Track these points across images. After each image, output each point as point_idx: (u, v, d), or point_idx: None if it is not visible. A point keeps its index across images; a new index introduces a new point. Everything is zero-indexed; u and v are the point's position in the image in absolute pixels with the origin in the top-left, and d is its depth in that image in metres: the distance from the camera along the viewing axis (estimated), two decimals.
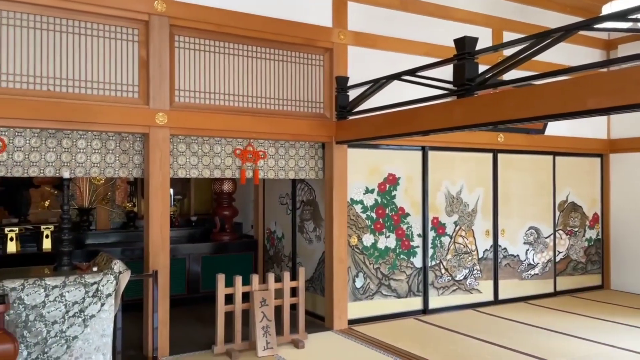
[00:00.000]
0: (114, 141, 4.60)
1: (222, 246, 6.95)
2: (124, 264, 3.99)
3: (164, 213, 4.67)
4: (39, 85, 4.23)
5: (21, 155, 4.23)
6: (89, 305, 3.72)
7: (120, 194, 7.19)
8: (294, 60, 5.42)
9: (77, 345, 3.66)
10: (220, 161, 5.09)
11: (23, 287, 3.55)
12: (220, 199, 7.12)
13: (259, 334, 4.70)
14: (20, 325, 3.52)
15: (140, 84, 4.61)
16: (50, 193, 6.80)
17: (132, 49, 4.59)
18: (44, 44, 4.25)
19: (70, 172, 4.34)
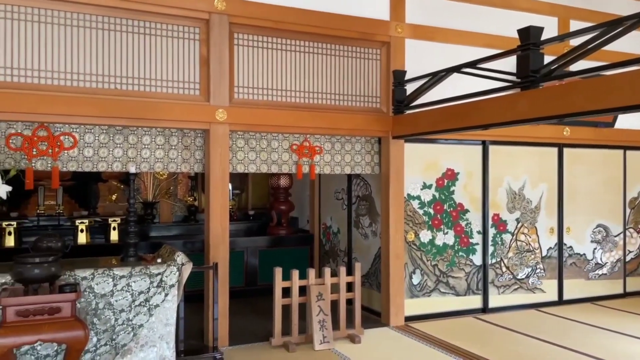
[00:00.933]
0: (177, 137, 4.75)
1: (279, 240, 7.04)
2: (185, 256, 4.12)
3: (223, 207, 4.79)
4: (107, 84, 4.42)
5: (91, 151, 4.45)
6: (153, 295, 3.87)
7: (182, 189, 7.43)
8: (350, 54, 5.40)
9: (143, 333, 3.82)
10: (277, 156, 5.15)
11: (93, 277, 3.73)
12: (277, 193, 7.21)
13: (316, 327, 4.73)
14: (91, 312, 3.71)
15: (201, 81, 4.74)
16: (117, 187, 7.12)
17: (194, 47, 4.72)
18: (112, 44, 4.43)
19: (136, 167, 4.51)
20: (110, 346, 3.72)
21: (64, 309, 3.26)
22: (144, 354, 3.80)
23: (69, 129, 4.36)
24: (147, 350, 3.81)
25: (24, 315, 3.17)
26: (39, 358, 3.56)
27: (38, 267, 3.23)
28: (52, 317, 3.22)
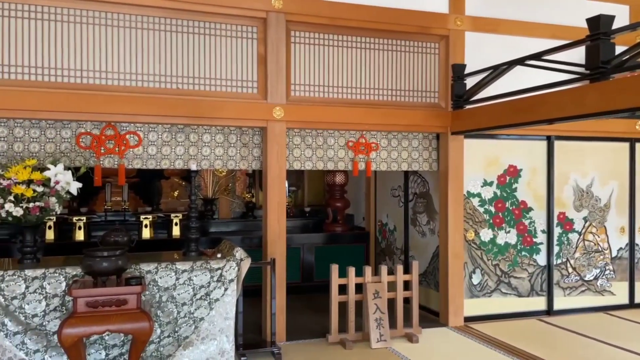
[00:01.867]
0: (235, 135, 4.84)
1: (334, 237, 7.05)
2: (244, 251, 4.19)
3: (280, 203, 4.84)
4: (169, 84, 4.56)
5: (154, 149, 4.60)
6: (214, 289, 3.96)
7: (240, 185, 7.58)
8: (407, 49, 5.31)
9: (204, 327, 3.92)
10: (333, 153, 5.15)
11: (157, 270, 3.86)
12: (333, 190, 7.21)
13: (372, 325, 4.70)
14: (155, 305, 3.84)
15: (259, 79, 4.80)
16: (178, 184, 7.35)
17: (251, 46, 4.78)
18: (173, 45, 4.57)
19: (197, 165, 4.63)
20: (173, 338, 3.85)
21: (130, 301, 3.39)
22: (204, 347, 3.90)
23: (134, 127, 4.53)
24: (208, 343, 3.91)
25: (94, 306, 3.32)
26: (107, 347, 3.73)
27: (106, 261, 3.37)
28: (119, 308, 3.36)
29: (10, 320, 3.49)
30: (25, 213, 3.64)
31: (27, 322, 3.54)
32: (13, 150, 4.21)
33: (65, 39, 4.26)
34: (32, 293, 3.56)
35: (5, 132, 4.21)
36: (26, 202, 3.63)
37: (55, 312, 3.61)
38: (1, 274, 3.52)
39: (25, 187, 3.63)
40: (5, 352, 3.47)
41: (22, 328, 3.51)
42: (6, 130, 4.21)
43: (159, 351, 3.81)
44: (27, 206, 3.63)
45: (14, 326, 3.49)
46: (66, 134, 4.36)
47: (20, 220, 3.68)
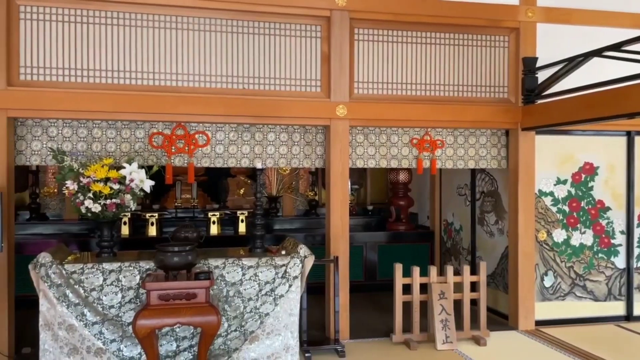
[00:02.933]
0: (299, 134, 4.89)
1: (398, 236, 6.96)
2: (308, 248, 4.22)
3: (343, 201, 4.83)
4: (236, 84, 4.66)
5: (221, 148, 4.73)
6: (278, 286, 4.02)
7: (303, 183, 7.64)
8: (475, 43, 5.15)
9: (269, 322, 3.98)
10: (397, 151, 5.08)
11: (224, 266, 3.97)
12: (396, 188, 7.13)
13: (438, 327, 4.60)
14: (222, 299, 3.95)
15: (322, 78, 4.81)
16: (244, 182, 7.52)
17: (315, 45, 4.81)
18: (239, 46, 4.67)
19: (262, 163, 4.72)
20: (239, 332, 3.94)
21: (199, 295, 3.50)
22: (270, 342, 3.96)
23: (203, 127, 4.67)
24: (273, 338, 3.97)
25: (165, 299, 3.46)
26: (178, 339, 3.87)
27: (177, 256, 3.50)
28: (189, 302, 3.48)
29: (89, 311, 3.70)
30: (102, 209, 3.84)
31: (104, 313, 3.74)
32: (92, 150, 4.46)
33: (139, 44, 4.46)
34: (109, 285, 3.76)
35: (84, 132, 4.46)
36: (104, 199, 3.84)
37: (130, 304, 3.79)
38: (81, 267, 3.73)
39: (102, 185, 3.84)
40: (84, 340, 3.68)
41: (100, 318, 3.71)
42: (85, 131, 4.47)
43: (226, 344, 3.91)
44: (105, 203, 3.84)
45: (93, 316, 3.70)
46: (140, 134, 4.56)
47: (98, 216, 3.89)
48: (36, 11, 4.26)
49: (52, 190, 6.79)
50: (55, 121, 4.39)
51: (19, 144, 4.34)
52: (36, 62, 4.27)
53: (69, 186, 3.87)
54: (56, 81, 4.31)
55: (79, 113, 4.31)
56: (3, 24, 4.13)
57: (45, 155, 4.38)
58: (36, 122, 4.37)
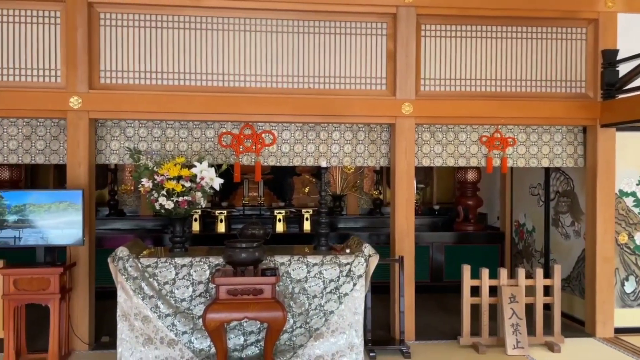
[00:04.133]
0: (364, 132, 4.87)
1: (466, 236, 6.78)
2: (372, 247, 4.20)
3: (409, 201, 4.77)
4: (302, 84, 4.71)
5: (287, 147, 4.80)
6: (343, 284, 4.03)
7: (368, 182, 7.62)
8: (549, 36, 4.92)
9: (333, 320, 4.00)
10: (465, 149, 4.95)
11: (290, 263, 4.03)
12: (464, 188, 6.94)
13: (508, 331, 4.44)
14: (288, 296, 4.00)
15: (388, 76, 4.77)
16: (309, 181, 7.60)
17: (380, 42, 4.77)
18: (305, 46, 4.71)
19: (327, 162, 4.74)
20: (304, 329, 3.98)
21: (265, 290, 3.57)
22: (334, 339, 3.98)
23: (269, 127, 4.76)
24: (338, 336, 3.98)
25: (233, 294, 3.55)
26: (245, 333, 3.97)
27: (245, 252, 3.59)
28: (255, 297, 3.56)
29: (163, 303, 3.87)
30: (175, 206, 4.01)
31: (176, 306, 3.90)
32: (165, 149, 4.66)
33: (210, 46, 4.61)
34: (181, 279, 3.91)
35: (159, 132, 4.67)
36: (176, 196, 4.00)
37: (200, 298, 3.93)
38: (155, 261, 3.91)
39: (175, 183, 4.00)
40: (158, 331, 3.85)
41: (172, 311, 3.87)
42: (159, 131, 4.67)
43: (291, 340, 3.96)
44: (177, 200, 4.00)
45: (166, 309, 3.87)
46: (210, 134, 4.71)
47: (171, 212, 4.06)
48: (115, 17, 4.50)
49: (129, 187, 7.17)
50: (132, 122, 4.63)
51: (99, 143, 4.61)
52: (115, 66, 4.51)
53: (144, 184, 4.06)
54: (132, 84, 4.53)
55: (153, 114, 4.52)
56: (85, 31, 4.39)
57: (122, 155, 4.62)
58: (115, 123, 4.62)
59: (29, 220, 3.98)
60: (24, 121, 4.50)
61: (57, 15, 4.42)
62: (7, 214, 3.97)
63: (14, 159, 4.51)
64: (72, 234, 4.04)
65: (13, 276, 3.90)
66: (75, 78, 4.39)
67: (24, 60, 4.42)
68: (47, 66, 4.44)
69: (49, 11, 4.42)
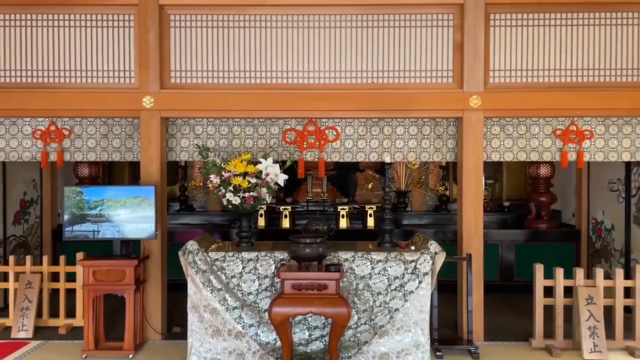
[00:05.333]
0: (429, 127, 4.76)
1: (538, 234, 6.48)
2: (438, 245, 4.10)
3: (477, 197, 4.62)
4: (365, 79, 4.67)
5: (350, 143, 4.78)
6: (408, 281, 3.96)
7: (433, 178, 7.45)
8: (629, 22, 4.60)
9: (399, 317, 3.94)
10: (537, 143, 4.72)
11: (354, 259, 4.01)
12: (536, 183, 6.63)
13: (585, 334, 4.20)
14: (352, 292, 3.99)
15: (454, 68, 4.63)
16: (372, 176, 7.54)
17: (447, 34, 4.64)
18: (368, 40, 4.66)
19: (391, 157, 4.67)
20: (369, 325, 3.95)
21: (329, 286, 3.58)
22: (399, 337, 3.92)
23: (333, 123, 4.76)
24: (403, 334, 3.93)
25: (298, 288, 3.58)
26: (310, 328, 3.99)
27: (309, 247, 3.61)
28: (320, 292, 3.57)
29: (230, 296, 3.96)
30: (242, 201, 4.09)
31: (243, 299, 3.99)
32: (232, 146, 4.77)
33: (274, 44, 4.66)
34: (247, 273, 3.99)
35: (226, 130, 4.78)
36: (243, 192, 4.08)
37: (266, 292, 3.99)
38: (223, 255, 4.01)
39: (241, 179, 4.09)
40: (226, 323, 3.95)
41: (239, 304, 3.96)
42: (226, 129, 4.79)
43: (356, 337, 3.95)
44: (244, 195, 4.08)
45: (233, 301, 3.96)
46: (274, 131, 4.78)
47: (237, 208, 4.15)
48: (184, 19, 4.65)
49: (198, 183, 7.40)
50: (201, 120, 4.77)
51: (170, 141, 4.79)
52: (184, 66, 4.66)
53: (213, 180, 4.18)
54: (201, 83, 4.67)
55: (221, 112, 4.63)
56: (156, 33, 4.57)
57: (192, 152, 4.78)
58: (184, 121, 4.78)
59: (106, 215, 4.20)
60: (101, 121, 4.75)
61: (130, 18, 4.63)
62: (87, 208, 4.21)
63: (92, 157, 4.77)
64: (146, 228, 4.22)
65: (92, 268, 4.13)
66: (148, 79, 4.58)
67: (101, 63, 4.65)
68: (121, 68, 4.66)
69: (123, 15, 4.63)
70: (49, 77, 4.65)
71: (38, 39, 4.64)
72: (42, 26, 4.64)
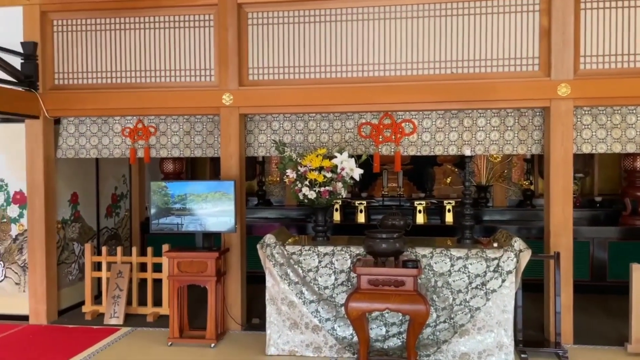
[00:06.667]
0: (513, 117, 4.53)
1: (635, 232, 6.00)
2: (523, 242, 3.90)
3: (566, 191, 4.34)
4: (443, 69, 4.52)
5: (428, 136, 4.65)
6: (490, 280, 3.80)
7: (517, 172, 7.11)
8: None
9: (480, 317, 3.79)
10: (634, 133, 4.37)
11: (432, 255, 3.90)
12: (633, 177, 6.14)
13: None
14: (430, 289, 3.89)
15: (541, 55, 4.37)
16: (451, 170, 7.31)
17: (532, 19, 4.38)
18: (447, 29, 4.49)
19: (471, 150, 4.50)
20: (448, 324, 3.83)
21: (407, 282, 3.50)
22: (481, 337, 3.78)
23: (409, 115, 4.65)
24: (485, 334, 3.78)
25: (374, 284, 3.54)
26: (387, 325, 3.94)
27: (385, 242, 3.55)
28: (397, 289, 3.51)
29: (307, 290, 3.99)
30: (317, 196, 4.11)
31: (319, 293, 4.00)
32: (308, 141, 4.79)
33: (348, 37, 4.61)
34: (323, 267, 4.00)
35: (301, 125, 4.82)
36: (318, 186, 4.10)
37: (342, 287, 3.98)
38: (299, 249, 4.05)
39: (317, 173, 4.10)
40: (303, 317, 3.99)
41: (316, 297, 3.98)
42: (302, 124, 4.82)
43: (435, 335, 3.85)
44: (319, 190, 4.09)
45: (310, 295, 3.99)
46: (349, 125, 4.74)
47: (313, 202, 4.17)
48: (261, 16, 4.72)
49: (275, 178, 7.54)
50: (277, 116, 4.83)
51: (248, 137, 4.89)
52: (261, 63, 4.74)
53: (289, 175, 4.22)
54: (278, 79, 4.72)
55: (297, 107, 4.67)
56: (235, 31, 4.67)
57: (269, 147, 4.86)
58: (262, 118, 4.87)
59: (189, 209, 4.37)
60: (184, 118, 4.95)
61: (210, 18, 4.77)
62: (171, 202, 4.40)
63: (176, 153, 4.98)
64: (226, 222, 4.35)
65: (177, 259, 4.32)
66: (227, 76, 4.70)
67: (183, 62, 4.83)
68: (202, 67, 4.81)
69: (204, 15, 4.78)
70: (137, 78, 4.90)
71: (126, 41, 4.90)
72: (129, 29, 4.89)
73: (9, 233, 5.07)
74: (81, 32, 4.95)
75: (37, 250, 4.92)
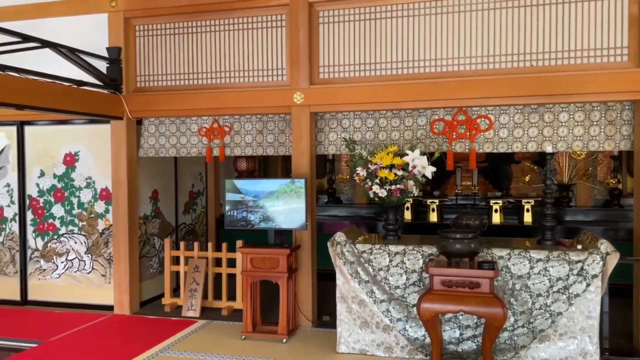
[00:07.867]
0: (599, 112, 4.25)
1: None
2: (611, 244, 3.65)
3: None
4: (521, 62, 4.31)
5: (505, 132, 4.45)
6: (573, 284, 3.59)
7: (603, 169, 6.67)
8: None
9: (562, 322, 3.59)
10: None
11: (509, 257, 3.74)
12: None
13: None
14: (507, 292, 3.72)
15: (630, 44, 4.07)
16: (530, 168, 6.98)
17: (620, 6, 4.08)
18: (525, 20, 4.29)
19: (553, 147, 4.27)
20: (527, 329, 3.66)
21: (482, 284, 3.38)
22: (563, 344, 3.58)
23: (485, 111, 4.48)
24: (567, 340, 3.57)
25: (448, 285, 3.44)
26: (461, 327, 3.82)
27: (459, 243, 3.44)
28: (472, 290, 3.39)
29: (378, 289, 3.95)
30: (388, 194, 4.05)
31: (390, 292, 3.95)
32: (378, 139, 4.74)
33: (420, 32, 4.51)
34: (394, 267, 3.95)
35: (372, 123, 4.77)
36: (389, 184, 4.04)
37: (414, 287, 3.91)
38: (370, 247, 4.01)
39: (388, 171, 4.04)
40: (373, 316, 3.95)
41: (386, 297, 3.93)
42: (372, 121, 4.77)
43: (512, 340, 3.69)
44: (390, 188, 4.03)
45: (381, 294, 3.94)
46: (421, 122, 4.64)
47: (384, 200, 4.11)
48: (331, 14, 4.73)
49: (345, 176, 7.54)
50: (347, 114, 4.82)
51: (318, 135, 4.91)
52: (331, 61, 4.74)
53: (359, 173, 4.19)
54: (348, 77, 4.71)
55: (367, 105, 4.63)
56: (306, 31, 4.70)
57: (339, 145, 4.85)
58: (332, 116, 4.87)
59: (261, 206, 4.46)
60: (257, 117, 5.05)
61: (282, 18, 4.83)
62: (245, 200, 4.50)
63: (249, 151, 5.10)
64: (297, 219, 4.39)
65: (250, 255, 4.42)
66: (298, 75, 4.74)
67: (256, 63, 4.93)
68: (274, 66, 4.89)
69: (276, 15, 4.85)
70: (212, 79, 5.06)
71: (202, 43, 5.07)
72: (205, 32, 5.06)
73: (96, 227, 5.41)
74: (161, 37, 5.18)
75: (121, 244, 5.20)
